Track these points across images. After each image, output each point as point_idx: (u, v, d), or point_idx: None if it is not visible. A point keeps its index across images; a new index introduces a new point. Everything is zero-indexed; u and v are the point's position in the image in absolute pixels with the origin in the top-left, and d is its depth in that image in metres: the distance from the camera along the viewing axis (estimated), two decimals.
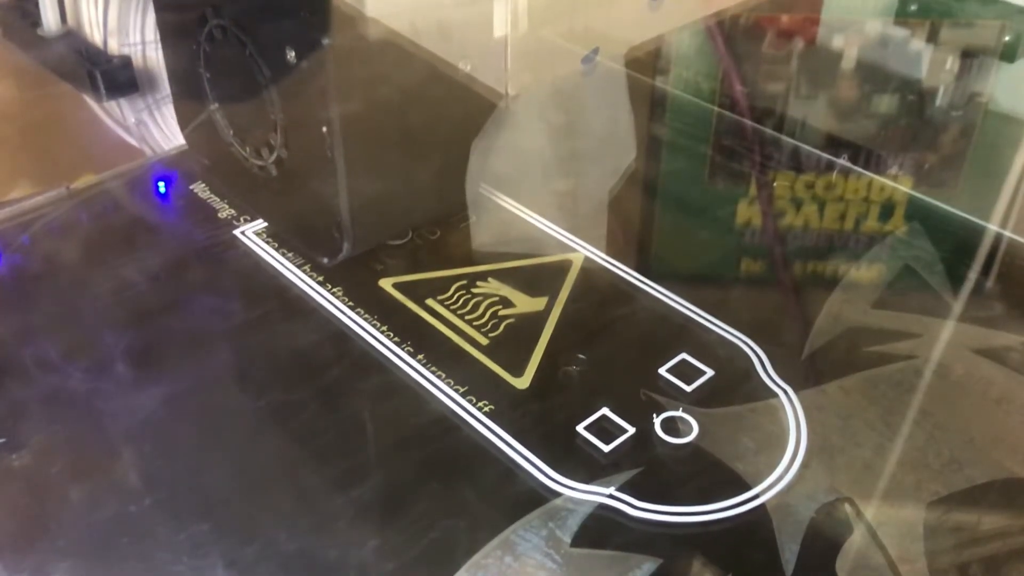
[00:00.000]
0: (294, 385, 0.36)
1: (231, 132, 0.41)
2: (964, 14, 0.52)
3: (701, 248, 0.46)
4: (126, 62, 0.68)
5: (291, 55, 0.35)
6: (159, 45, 0.71)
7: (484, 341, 0.38)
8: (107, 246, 0.43)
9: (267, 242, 0.43)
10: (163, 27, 0.44)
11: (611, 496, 0.32)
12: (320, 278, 0.41)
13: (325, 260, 0.40)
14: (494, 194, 0.45)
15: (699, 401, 0.35)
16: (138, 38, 0.69)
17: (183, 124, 0.46)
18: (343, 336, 0.38)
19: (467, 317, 0.39)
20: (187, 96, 0.43)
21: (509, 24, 0.32)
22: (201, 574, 0.29)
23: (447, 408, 0.35)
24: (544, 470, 0.32)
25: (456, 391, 0.36)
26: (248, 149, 0.40)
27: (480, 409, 0.35)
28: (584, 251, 0.43)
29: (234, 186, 0.44)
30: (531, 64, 0.33)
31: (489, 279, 0.41)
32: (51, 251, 0.43)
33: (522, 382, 0.36)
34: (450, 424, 0.34)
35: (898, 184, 0.48)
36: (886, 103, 0.54)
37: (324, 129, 0.35)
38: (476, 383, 0.36)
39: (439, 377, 0.36)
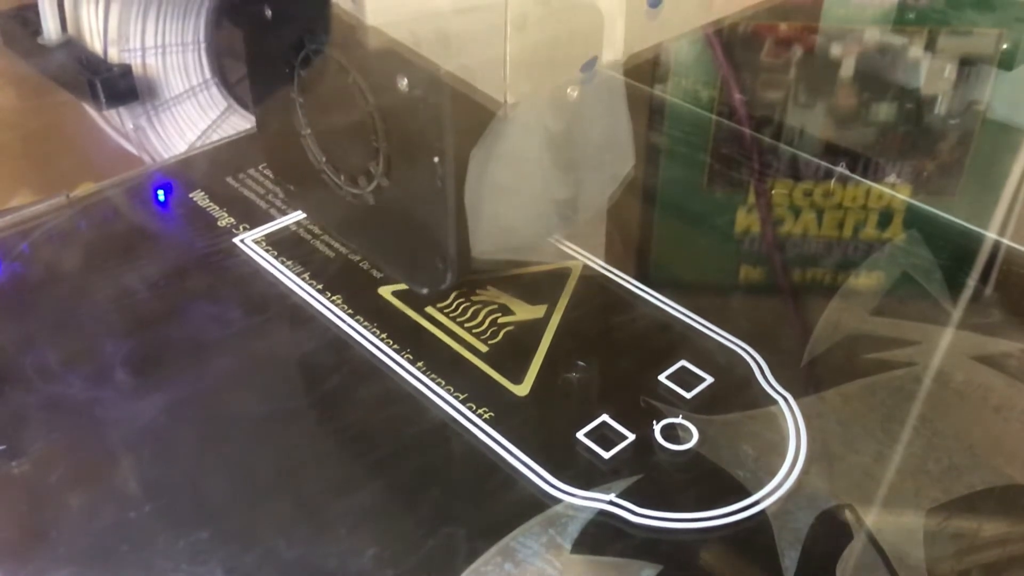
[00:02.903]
0: (294, 393, 0.36)
1: (323, 159, 0.40)
2: (962, 22, 0.52)
3: (700, 255, 0.46)
4: (126, 71, 0.69)
5: (403, 83, 0.34)
6: (159, 51, 0.71)
7: (484, 348, 0.38)
8: (107, 254, 0.43)
9: (266, 250, 0.43)
10: (251, 50, 0.42)
11: (611, 503, 0.32)
12: (320, 286, 0.41)
13: (425, 291, 0.39)
14: None
15: (699, 408, 0.35)
16: (138, 44, 0.70)
17: (267, 149, 0.45)
18: (342, 344, 0.38)
19: (466, 324, 0.39)
20: (275, 121, 0.42)
21: (508, 32, 0.32)
22: None
23: (447, 415, 0.35)
24: (544, 477, 0.33)
25: (456, 398, 0.36)
26: (343, 177, 0.39)
27: (480, 416, 0.35)
28: (583, 259, 0.43)
29: (321, 213, 0.43)
30: (530, 72, 0.33)
31: (488, 287, 0.41)
32: (51, 259, 0.43)
33: (522, 389, 0.36)
34: (450, 431, 0.34)
35: (896, 192, 0.48)
36: (884, 111, 0.54)
37: (436, 159, 0.34)
38: (476, 390, 0.36)
39: (439, 384, 0.36)
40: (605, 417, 0.35)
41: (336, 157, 0.39)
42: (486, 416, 0.35)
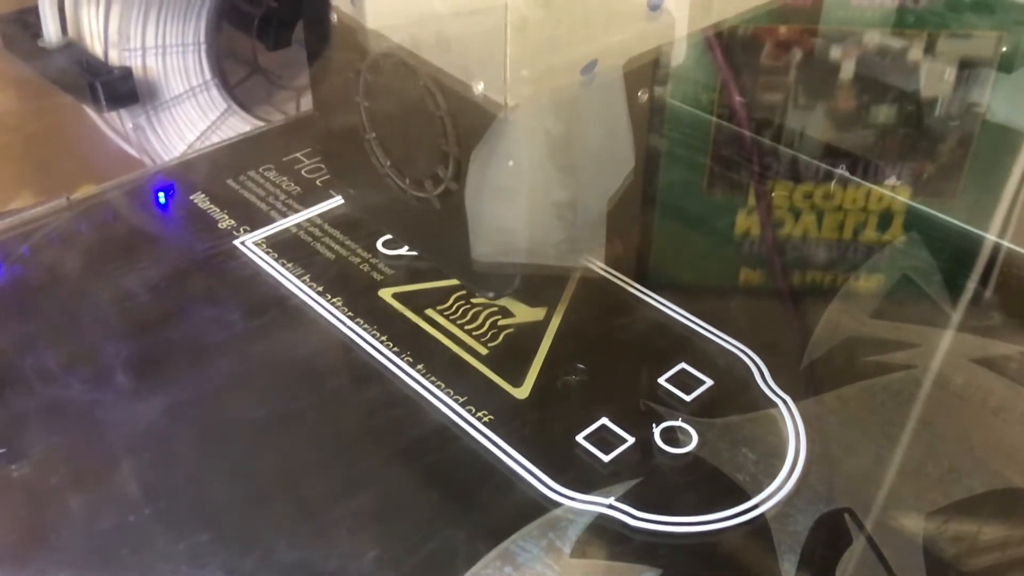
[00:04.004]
0: (294, 395, 0.36)
1: (388, 163, 0.39)
2: (961, 25, 0.52)
3: (700, 258, 0.46)
4: (126, 73, 0.69)
5: (479, 88, 0.34)
6: (159, 52, 0.71)
7: (484, 351, 0.38)
8: (107, 256, 0.43)
9: (267, 252, 0.43)
10: (315, 54, 0.42)
11: (611, 506, 0.32)
12: (320, 288, 0.41)
13: (491, 294, 0.39)
14: None
15: (698, 411, 0.35)
16: (138, 44, 0.70)
17: (326, 153, 0.45)
18: (343, 346, 0.38)
19: (466, 327, 0.39)
20: (337, 125, 0.42)
21: (509, 35, 0.32)
22: None
23: (447, 418, 0.35)
24: (544, 480, 0.33)
25: (456, 401, 0.36)
26: (407, 180, 0.39)
27: (480, 419, 0.35)
28: (583, 261, 0.43)
29: (382, 216, 0.43)
30: (530, 75, 0.33)
31: None
32: (51, 262, 0.43)
33: (522, 392, 0.36)
34: (450, 434, 0.34)
35: (896, 194, 0.48)
36: (884, 113, 0.54)
37: (511, 163, 0.34)
38: (476, 393, 0.36)
39: (439, 387, 0.36)
40: (605, 420, 0.35)
41: (401, 161, 0.39)
42: (486, 419, 0.35)
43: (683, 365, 0.37)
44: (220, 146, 0.54)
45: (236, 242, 0.44)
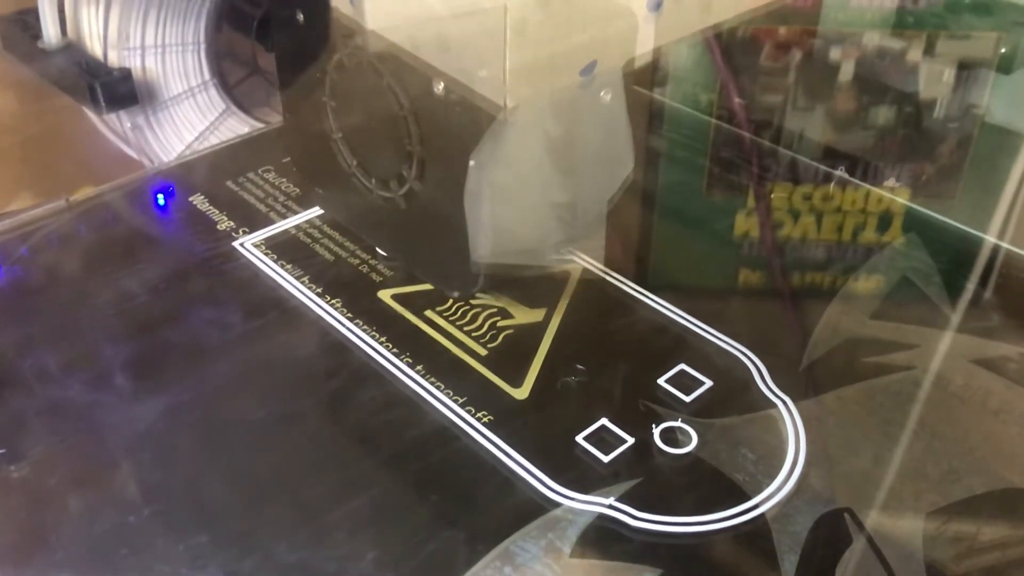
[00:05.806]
0: (293, 397, 0.36)
1: (354, 162, 0.40)
2: (960, 26, 0.53)
3: (699, 259, 0.46)
4: (126, 74, 0.69)
5: (439, 87, 0.34)
6: (158, 52, 0.71)
7: (483, 352, 0.38)
8: (106, 258, 0.43)
9: (266, 254, 0.43)
10: (282, 54, 0.42)
11: (610, 506, 0.32)
12: (319, 290, 0.41)
13: (456, 294, 0.40)
14: None
15: (698, 411, 0.35)
16: (138, 43, 0.70)
17: (293, 152, 0.46)
18: (342, 347, 0.38)
19: (466, 328, 0.39)
20: (304, 125, 0.42)
21: (508, 36, 0.32)
22: None
23: (446, 419, 0.35)
24: (543, 480, 0.33)
25: (455, 402, 0.36)
26: (374, 180, 0.39)
27: (479, 420, 0.35)
28: (582, 262, 0.43)
29: (349, 216, 0.43)
30: (529, 76, 0.34)
31: (487, 290, 0.41)
32: (51, 263, 0.43)
33: (521, 392, 0.36)
34: (449, 435, 0.34)
35: (895, 195, 0.48)
36: (883, 115, 0.54)
37: (472, 163, 0.35)
38: (475, 394, 0.36)
39: (438, 388, 0.36)
40: (604, 421, 0.35)
41: (367, 160, 0.39)
42: (485, 420, 0.35)
43: (682, 366, 0.37)
44: (219, 147, 0.54)
45: (235, 243, 0.44)
